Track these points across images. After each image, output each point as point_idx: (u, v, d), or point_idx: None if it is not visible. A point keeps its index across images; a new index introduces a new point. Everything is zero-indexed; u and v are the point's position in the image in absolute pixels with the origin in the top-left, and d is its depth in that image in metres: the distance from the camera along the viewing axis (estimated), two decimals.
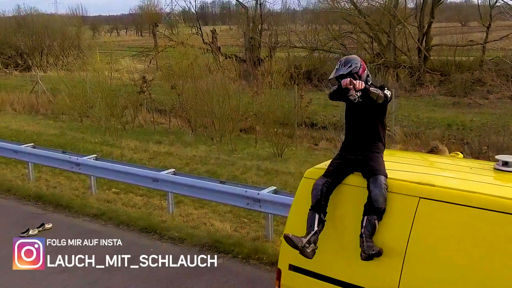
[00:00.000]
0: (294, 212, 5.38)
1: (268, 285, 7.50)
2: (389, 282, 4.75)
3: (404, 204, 4.82)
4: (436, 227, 4.64)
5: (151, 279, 7.87)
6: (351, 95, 4.90)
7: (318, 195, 5.04)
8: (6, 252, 8.57)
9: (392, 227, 4.83)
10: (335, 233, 5.12)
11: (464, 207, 4.53)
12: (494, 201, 4.43)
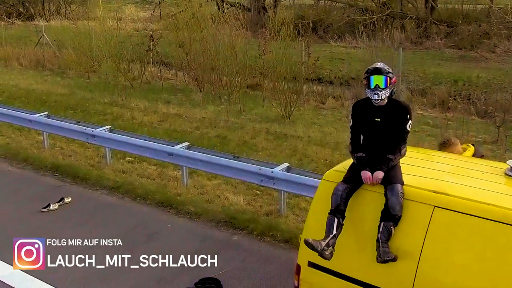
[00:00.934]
0: (313, 213, 5.66)
1: (282, 263, 7.86)
2: (404, 283, 5.08)
3: (420, 212, 5.10)
4: (450, 235, 4.93)
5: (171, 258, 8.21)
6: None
7: (338, 201, 5.31)
8: (31, 227, 8.98)
9: (408, 233, 5.12)
10: (353, 234, 5.42)
11: (477, 218, 4.80)
12: (506, 213, 4.70)
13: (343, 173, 5.59)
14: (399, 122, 5.40)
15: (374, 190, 5.37)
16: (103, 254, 8.17)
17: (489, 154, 13.00)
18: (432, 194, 5.10)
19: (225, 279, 7.68)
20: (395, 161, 5.35)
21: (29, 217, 9.49)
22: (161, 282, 7.66)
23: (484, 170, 5.54)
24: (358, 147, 5.52)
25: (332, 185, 5.53)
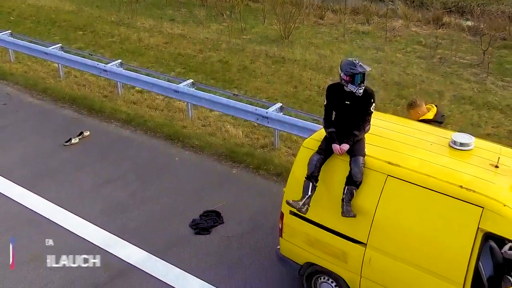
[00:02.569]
0: (293, 177, 6.96)
1: (274, 196, 9.18)
2: (362, 232, 6.49)
3: (376, 179, 6.39)
4: (398, 198, 6.26)
5: (180, 190, 9.68)
6: None
7: (313, 168, 6.60)
8: (58, 161, 10.39)
9: (366, 195, 6.44)
10: (324, 193, 6.74)
11: (420, 187, 6.10)
12: (441, 184, 5.99)
13: (318, 141, 6.83)
14: (364, 105, 6.55)
15: (341, 159, 6.62)
16: (121, 188, 9.64)
17: (472, 79, 14.10)
18: (387, 165, 6.38)
19: (225, 211, 9.13)
20: (360, 136, 6.55)
21: (54, 151, 10.86)
22: (171, 213, 9.12)
23: (433, 141, 6.73)
24: (330, 123, 6.71)
25: (310, 152, 6.80)
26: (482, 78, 14.17)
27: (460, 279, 5.87)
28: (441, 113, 7.94)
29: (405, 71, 14.44)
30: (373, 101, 6.56)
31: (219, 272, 7.93)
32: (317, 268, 7.04)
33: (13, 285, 7.69)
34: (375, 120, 6.97)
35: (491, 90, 13.40)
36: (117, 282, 7.75)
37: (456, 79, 13.96)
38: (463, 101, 12.78)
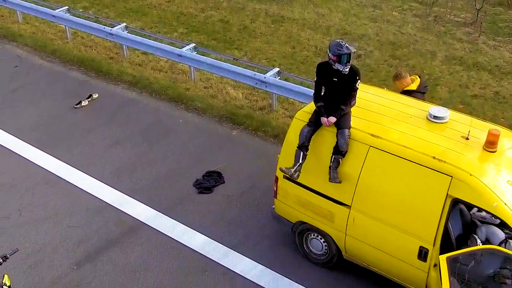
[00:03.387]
0: (285, 149, 7.70)
1: (271, 157, 9.85)
2: (347, 196, 7.29)
3: (360, 149, 7.15)
4: (380, 167, 7.02)
5: (183, 151, 10.46)
6: None
7: (304, 139, 7.34)
8: (69, 123, 11.15)
9: (351, 164, 7.20)
10: (314, 161, 7.50)
11: (398, 157, 6.86)
12: (413, 154, 6.74)
13: (309, 114, 7.54)
14: (350, 82, 7.22)
15: (329, 131, 7.35)
16: (129, 149, 10.43)
17: (464, 38, 14.60)
18: (369, 137, 7.12)
19: (226, 171, 9.93)
20: (346, 110, 7.25)
21: (65, 114, 11.59)
22: (176, 173, 9.92)
23: (412, 114, 7.43)
24: (319, 98, 7.40)
25: (301, 123, 7.52)
26: (474, 37, 14.63)
27: (430, 238, 6.70)
28: (424, 84, 8.59)
29: (400, 30, 14.91)
30: (358, 78, 7.22)
31: (220, 228, 8.78)
32: (307, 226, 7.87)
33: (34, 241, 8.55)
34: (362, 93, 7.66)
35: (482, 50, 13.92)
36: (128, 237, 8.62)
37: (449, 39, 14.45)
38: (454, 62, 13.33)
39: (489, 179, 6.47)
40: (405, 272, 7.09)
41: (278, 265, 8.09)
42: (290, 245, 8.30)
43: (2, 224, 8.84)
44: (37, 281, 7.84)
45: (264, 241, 8.51)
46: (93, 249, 8.41)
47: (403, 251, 6.95)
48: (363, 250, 7.39)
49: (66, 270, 8.06)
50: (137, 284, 7.86)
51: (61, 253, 8.33)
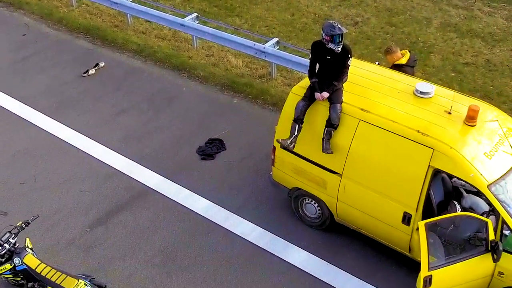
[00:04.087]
0: (282, 121, 8.27)
1: (269, 125, 10.33)
2: (338, 165, 7.91)
3: (350, 123, 7.72)
4: (368, 139, 7.61)
5: (187, 119, 11.05)
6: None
7: (299, 113, 7.91)
8: (78, 91, 11.71)
9: (342, 136, 7.79)
10: (308, 133, 8.08)
11: (386, 131, 7.45)
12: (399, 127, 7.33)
13: (304, 88, 8.09)
14: (342, 60, 7.74)
15: (323, 105, 7.91)
16: (136, 117, 11.02)
17: (460, 4, 14.92)
18: (360, 111, 7.69)
19: (227, 138, 10.54)
20: (338, 86, 7.79)
21: (74, 82, 12.13)
22: (180, 140, 10.54)
23: (400, 89, 7.97)
24: (313, 74, 7.93)
25: (297, 98, 8.08)
26: (470, 3, 14.94)
27: (413, 204, 7.35)
28: (413, 58, 9.08)
29: None
30: (350, 57, 7.73)
31: (222, 193, 9.44)
32: (302, 192, 8.53)
33: (49, 205, 9.24)
34: (354, 68, 8.19)
35: (476, 16, 14.27)
36: (137, 202, 9.29)
37: (445, 5, 14.77)
38: (448, 29, 13.72)
39: (467, 152, 7.06)
40: (390, 235, 7.77)
41: (275, 228, 8.76)
42: (287, 209, 8.95)
43: (19, 190, 9.50)
44: (54, 243, 8.54)
45: (263, 205, 9.16)
46: (104, 213, 9.09)
47: (389, 216, 7.61)
48: (353, 215, 8.06)
49: (80, 232, 8.76)
50: (146, 245, 8.56)
51: (75, 217, 9.02)
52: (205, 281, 8.00)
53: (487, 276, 6.98)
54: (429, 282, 6.71)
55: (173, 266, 8.23)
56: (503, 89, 11.64)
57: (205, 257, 8.38)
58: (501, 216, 6.84)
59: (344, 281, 7.96)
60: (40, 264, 6.93)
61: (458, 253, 7.01)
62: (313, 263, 8.23)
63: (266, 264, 8.25)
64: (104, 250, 8.45)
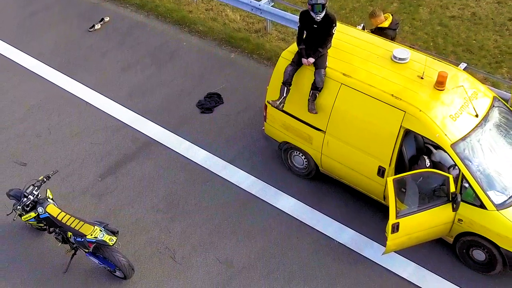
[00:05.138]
0: (272, 83, 9.12)
1: (264, 79, 11.08)
2: (322, 123, 8.84)
3: (333, 86, 8.59)
4: (349, 102, 8.49)
5: (187, 74, 11.88)
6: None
7: (287, 76, 8.76)
8: (85, 46, 12.50)
9: (325, 98, 8.67)
10: (296, 94, 8.95)
11: (364, 94, 8.33)
12: (376, 91, 8.21)
13: (293, 53, 8.90)
14: (327, 28, 8.51)
15: (309, 69, 8.75)
16: (140, 72, 11.86)
17: None
18: (341, 75, 8.53)
19: (224, 93, 11.41)
20: (323, 52, 8.59)
21: (81, 38, 12.88)
22: (181, 95, 11.43)
23: (379, 54, 8.77)
24: (301, 41, 8.70)
25: (286, 62, 8.90)
26: None
27: (387, 159, 8.31)
28: (395, 22, 9.81)
29: None
30: (334, 25, 8.49)
31: (219, 144, 10.40)
32: (291, 146, 9.49)
33: (64, 156, 10.25)
34: (339, 33, 8.96)
35: None
36: (142, 153, 10.28)
37: None
38: None
39: (434, 114, 7.95)
40: (367, 185, 8.78)
41: (267, 177, 9.78)
42: (277, 160, 9.95)
43: (35, 142, 10.49)
44: (69, 191, 9.60)
45: (256, 156, 10.15)
46: (113, 163, 10.11)
47: (366, 169, 8.60)
48: (335, 167, 9.05)
49: (93, 181, 9.81)
50: (151, 192, 9.62)
51: (87, 167, 10.05)
52: (204, 225, 9.09)
53: (448, 222, 8.02)
54: (396, 228, 7.76)
55: (176, 212, 9.30)
56: (485, 43, 12.34)
57: (204, 203, 9.43)
58: (461, 171, 7.81)
59: (326, 225, 9.03)
60: (60, 212, 7.99)
61: (427, 202, 8.01)
62: (299, 209, 9.28)
63: (258, 209, 9.30)
64: (114, 197, 9.51)
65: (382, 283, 8.26)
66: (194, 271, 8.45)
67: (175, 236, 8.91)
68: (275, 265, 8.50)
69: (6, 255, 8.61)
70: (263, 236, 8.90)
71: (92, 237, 7.57)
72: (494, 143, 8.14)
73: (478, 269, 8.25)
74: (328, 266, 8.48)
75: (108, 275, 8.29)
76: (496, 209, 7.70)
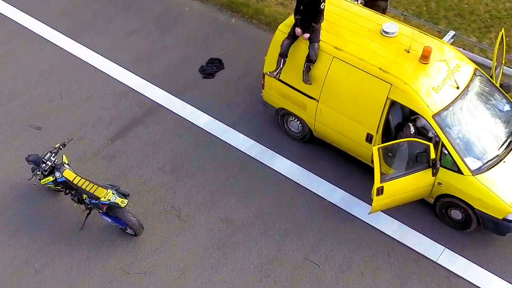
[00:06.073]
0: (270, 55, 9.73)
1: (263, 44, 11.55)
2: (316, 92, 9.51)
3: (326, 59, 9.21)
4: (340, 74, 9.13)
5: (190, 39, 12.45)
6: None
7: (284, 49, 9.38)
8: (91, 15, 13.03)
9: (319, 69, 9.30)
10: (291, 65, 9.58)
11: (354, 67, 8.98)
12: (365, 65, 8.85)
13: (289, 27, 9.49)
14: (316, 5, 9.05)
15: (304, 42, 9.35)
16: (145, 37, 12.44)
17: None
18: (334, 49, 9.15)
19: (225, 58, 12.02)
20: (316, 26, 9.16)
21: (87, 2, 13.37)
22: (185, 60, 12.03)
23: (370, 28, 9.35)
24: (298, 12, 9.19)
25: (283, 35, 9.50)
26: None
27: (374, 127, 9.02)
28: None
29: None
30: (322, 2, 9.03)
31: (221, 108, 11.09)
32: (287, 112, 10.19)
33: (75, 120, 10.97)
34: (333, 7, 9.54)
35: None
36: (149, 117, 10.98)
37: None
38: None
39: (418, 87, 8.62)
40: (356, 149, 9.54)
41: (265, 140, 10.52)
42: (274, 124, 10.66)
43: (48, 106, 11.21)
44: (82, 154, 10.37)
45: (255, 120, 10.85)
46: (122, 127, 10.85)
47: (355, 135, 9.33)
48: (327, 132, 9.79)
49: (103, 144, 10.57)
50: (158, 154, 10.39)
51: (97, 131, 10.79)
52: (207, 186, 9.90)
53: (429, 185, 8.82)
54: (381, 191, 8.56)
55: (181, 173, 10.10)
56: (476, 8, 12.82)
57: (206, 165, 10.22)
58: (441, 140, 8.54)
59: (318, 186, 9.84)
60: (76, 176, 8.80)
61: (411, 167, 8.76)
62: (294, 170, 10.06)
63: (256, 171, 10.09)
64: (124, 160, 10.30)
65: (368, 239, 9.13)
66: (198, 228, 9.31)
67: (180, 196, 9.74)
68: (271, 222, 9.36)
69: (25, 214, 9.47)
70: (260, 195, 9.72)
71: (106, 199, 8.40)
72: (474, 113, 8.84)
73: (455, 227, 9.10)
74: (319, 223, 9.33)
75: (120, 232, 9.17)
76: (471, 174, 8.47)
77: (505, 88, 9.47)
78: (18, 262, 8.89)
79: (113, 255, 8.94)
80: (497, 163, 8.61)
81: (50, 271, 8.80)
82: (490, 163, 8.61)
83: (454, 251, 8.90)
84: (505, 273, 8.61)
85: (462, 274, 8.63)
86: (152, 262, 8.88)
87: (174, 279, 8.69)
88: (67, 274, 8.77)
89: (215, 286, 8.62)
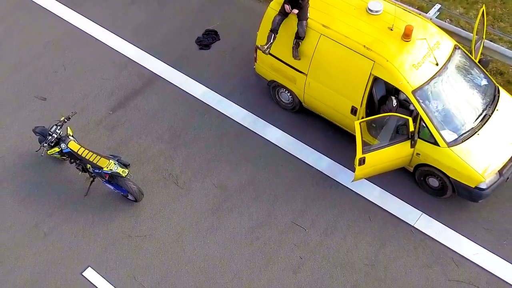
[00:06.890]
0: (262, 29, 10.22)
1: (258, 16, 11.85)
2: (304, 67, 10.08)
3: (314, 36, 9.74)
4: (327, 50, 9.66)
5: (187, 10, 12.87)
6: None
7: (275, 25, 9.87)
8: None
9: (307, 45, 9.83)
10: (282, 40, 10.09)
11: (340, 44, 9.51)
12: (351, 42, 9.39)
13: (280, 4, 9.96)
14: None
15: (294, 19, 9.85)
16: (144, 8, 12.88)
17: None
18: (321, 26, 9.66)
19: (221, 29, 12.50)
20: (303, 4, 9.60)
21: None
22: (182, 31, 12.52)
23: (356, 6, 9.82)
24: None
25: (274, 12, 9.98)
26: None
27: (359, 100, 9.62)
28: None
29: None
30: None
31: (217, 79, 11.64)
32: (278, 84, 10.77)
33: (78, 90, 11.55)
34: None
35: None
36: (148, 87, 11.56)
37: None
38: None
39: (400, 64, 9.16)
40: (343, 121, 10.16)
41: (257, 110, 11.12)
42: (267, 95, 11.24)
43: (53, 78, 11.79)
44: (85, 123, 11.00)
45: (248, 91, 11.43)
46: (122, 97, 11.45)
47: (341, 107, 9.93)
48: (316, 104, 10.39)
49: (105, 114, 11.21)
50: (157, 124, 11.01)
51: (99, 101, 11.41)
52: (203, 154, 10.57)
53: (408, 155, 9.48)
54: (363, 161, 9.22)
55: (178, 142, 10.76)
56: None
57: (202, 134, 10.87)
58: (420, 114, 9.15)
59: (308, 155, 10.49)
60: (80, 148, 9.47)
61: (393, 138, 9.38)
62: (285, 140, 10.71)
63: (249, 140, 10.73)
64: (124, 129, 10.95)
65: (351, 204, 9.85)
66: (194, 194, 10.04)
67: (178, 164, 10.43)
68: (262, 189, 10.07)
69: (33, 181, 10.19)
70: (253, 163, 10.40)
71: (108, 169, 9.10)
72: (452, 89, 9.41)
73: (432, 193, 9.81)
74: (307, 189, 10.04)
75: (122, 198, 9.91)
76: (447, 146, 9.12)
77: (483, 63, 9.99)
78: (28, 227, 9.67)
79: (115, 220, 9.70)
80: (472, 136, 9.24)
81: (57, 234, 9.58)
82: (465, 135, 9.23)
83: (431, 216, 9.61)
84: (476, 236, 9.34)
85: (436, 237, 9.37)
86: (151, 226, 9.64)
87: (171, 241, 9.47)
88: (74, 237, 9.55)
89: (209, 248, 9.39)
